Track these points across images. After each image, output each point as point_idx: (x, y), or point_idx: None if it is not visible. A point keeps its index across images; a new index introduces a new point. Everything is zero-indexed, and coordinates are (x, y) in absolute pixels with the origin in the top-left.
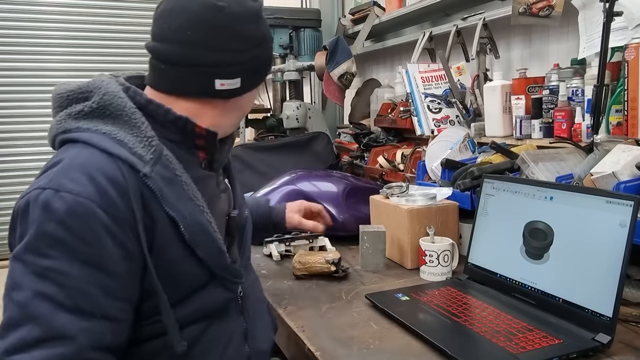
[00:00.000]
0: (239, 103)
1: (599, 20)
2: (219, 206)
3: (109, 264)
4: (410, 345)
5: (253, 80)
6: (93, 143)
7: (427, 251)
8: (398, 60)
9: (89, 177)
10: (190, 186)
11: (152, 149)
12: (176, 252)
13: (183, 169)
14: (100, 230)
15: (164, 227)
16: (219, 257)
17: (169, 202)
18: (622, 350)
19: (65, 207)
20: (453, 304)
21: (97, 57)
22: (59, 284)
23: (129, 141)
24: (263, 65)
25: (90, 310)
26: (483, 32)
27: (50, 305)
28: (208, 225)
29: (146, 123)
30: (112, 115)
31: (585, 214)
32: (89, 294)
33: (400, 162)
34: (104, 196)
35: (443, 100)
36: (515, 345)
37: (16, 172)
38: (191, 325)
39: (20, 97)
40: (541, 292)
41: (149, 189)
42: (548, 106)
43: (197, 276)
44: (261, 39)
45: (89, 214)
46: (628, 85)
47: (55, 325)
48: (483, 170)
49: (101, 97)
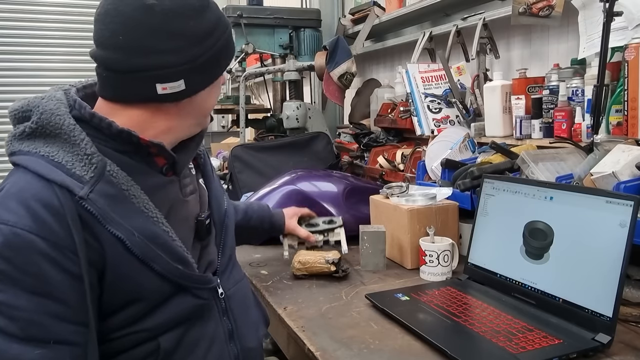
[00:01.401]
0: (193, 104)
1: (599, 20)
2: (185, 210)
3: (55, 291)
4: (410, 345)
5: (201, 80)
6: (30, 168)
7: (427, 251)
8: (398, 60)
9: (25, 206)
10: (140, 198)
11: (92, 167)
12: (130, 268)
13: (133, 180)
14: (41, 259)
15: (111, 246)
16: (180, 268)
17: (112, 221)
18: (622, 350)
19: (3, 240)
20: (453, 304)
21: None
22: (9, 316)
23: (67, 162)
24: (210, 62)
25: (42, 338)
26: (483, 32)
27: (3, 338)
28: (164, 236)
29: (86, 139)
30: (52, 135)
31: (585, 214)
32: (40, 323)
33: (400, 162)
34: (42, 224)
35: (443, 100)
36: (515, 345)
37: None
38: (167, 333)
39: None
40: (541, 292)
41: (88, 211)
42: (548, 106)
43: (159, 289)
44: (203, 34)
45: (27, 244)
46: (628, 85)
47: (9, 357)
48: (483, 170)
49: (39, 116)
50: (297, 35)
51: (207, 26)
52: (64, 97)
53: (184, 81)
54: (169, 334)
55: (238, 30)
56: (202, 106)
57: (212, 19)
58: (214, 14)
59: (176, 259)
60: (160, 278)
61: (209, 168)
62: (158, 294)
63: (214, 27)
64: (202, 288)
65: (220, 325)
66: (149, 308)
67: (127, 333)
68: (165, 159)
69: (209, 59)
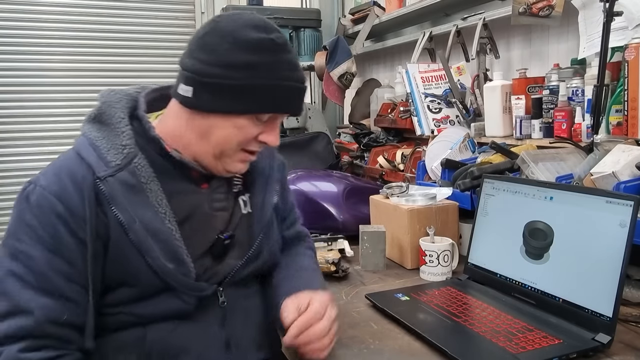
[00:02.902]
0: (208, 126)
1: (599, 20)
2: (206, 223)
3: (65, 252)
4: (410, 345)
5: (210, 100)
6: (76, 147)
7: (427, 251)
8: (398, 60)
9: (57, 175)
10: (155, 194)
11: (122, 156)
12: (128, 252)
13: (157, 178)
14: (58, 221)
15: (115, 226)
16: (170, 267)
17: (118, 205)
18: (622, 350)
19: (35, 199)
20: (453, 304)
21: (97, 57)
22: (26, 265)
23: (104, 147)
24: (223, 90)
25: (50, 290)
26: (483, 32)
27: (18, 283)
28: (167, 233)
29: (127, 133)
30: (104, 122)
31: (585, 214)
32: (49, 277)
33: (400, 162)
34: (64, 192)
35: (443, 100)
36: (515, 345)
37: (16, 172)
38: (154, 324)
39: (20, 97)
40: (541, 292)
41: (101, 191)
42: (548, 106)
43: (150, 280)
44: (230, 62)
45: (50, 206)
46: (628, 85)
47: (19, 301)
48: (483, 170)
49: (101, 105)
50: (297, 35)
51: (242, 61)
52: (134, 95)
53: (192, 89)
54: (155, 325)
55: None
56: (216, 135)
57: (254, 61)
58: (266, 60)
59: (171, 258)
60: (151, 271)
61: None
62: (149, 285)
63: (249, 66)
64: (189, 293)
65: (218, 333)
66: (140, 295)
67: (117, 312)
68: (198, 171)
69: (224, 87)
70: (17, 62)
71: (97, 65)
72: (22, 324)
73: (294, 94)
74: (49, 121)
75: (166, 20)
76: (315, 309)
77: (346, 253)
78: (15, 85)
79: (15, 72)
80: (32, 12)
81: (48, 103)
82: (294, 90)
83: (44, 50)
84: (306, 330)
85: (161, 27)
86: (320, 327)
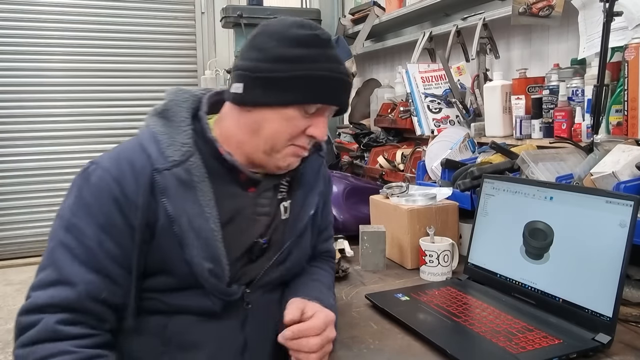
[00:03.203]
0: (258, 122)
1: (599, 20)
2: (248, 227)
3: (115, 233)
4: (410, 345)
5: (260, 94)
6: (140, 137)
7: (427, 251)
8: (398, 60)
9: (118, 160)
10: (205, 194)
11: (180, 153)
12: (170, 243)
13: (208, 179)
14: (112, 203)
15: (163, 217)
16: (208, 266)
17: (169, 198)
18: (622, 350)
19: (97, 180)
20: (453, 304)
21: (97, 57)
22: (79, 239)
23: (165, 142)
24: (272, 83)
25: (96, 267)
26: (483, 32)
27: (68, 255)
28: (209, 233)
29: (188, 132)
30: (169, 119)
31: (585, 214)
32: (97, 254)
33: (400, 162)
34: (122, 176)
35: (443, 100)
36: (515, 345)
37: (16, 172)
38: (178, 315)
39: (20, 97)
40: (541, 292)
41: (156, 182)
42: (548, 106)
43: (184, 274)
44: (279, 57)
45: (108, 187)
46: (628, 85)
47: (66, 272)
48: (483, 170)
49: (168, 102)
50: None
51: (289, 55)
52: (199, 96)
53: (242, 85)
54: (179, 316)
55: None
56: (267, 129)
57: (299, 54)
58: (312, 53)
59: (209, 257)
60: (187, 266)
61: (305, 200)
62: (182, 278)
63: (295, 59)
64: (218, 296)
65: (238, 334)
66: (173, 286)
67: (149, 297)
68: (247, 175)
69: (272, 79)
70: (17, 62)
71: (96, 65)
72: (65, 295)
73: (340, 86)
74: (49, 121)
75: (166, 20)
76: (315, 324)
77: (346, 253)
78: (15, 85)
79: (15, 72)
80: (32, 12)
81: (48, 103)
82: (339, 81)
83: (43, 50)
84: (299, 339)
85: (161, 27)
86: (312, 342)
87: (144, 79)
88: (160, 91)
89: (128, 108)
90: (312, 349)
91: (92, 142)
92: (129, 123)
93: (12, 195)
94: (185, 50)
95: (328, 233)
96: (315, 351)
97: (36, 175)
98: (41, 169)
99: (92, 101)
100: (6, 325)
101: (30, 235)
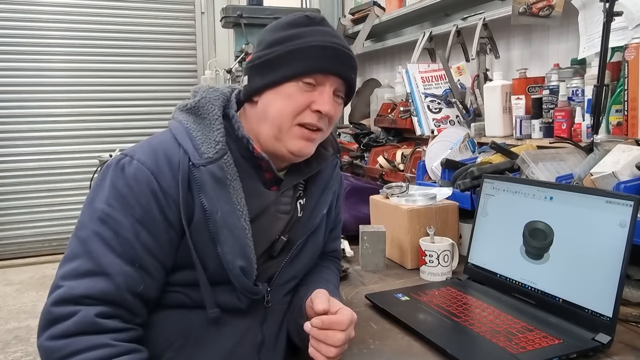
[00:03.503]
0: (260, 105)
1: (599, 20)
2: (270, 225)
3: (152, 226)
4: (410, 345)
5: (259, 79)
6: (173, 131)
7: (427, 251)
8: (398, 60)
9: (154, 153)
10: (237, 192)
11: (214, 151)
12: (203, 238)
13: (239, 177)
14: (151, 196)
15: (199, 213)
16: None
17: (207, 194)
18: (622, 350)
19: (133, 172)
20: (453, 304)
21: (97, 57)
22: (115, 230)
23: (199, 138)
24: (267, 64)
25: (131, 259)
26: (483, 32)
27: (103, 246)
28: (242, 230)
29: (220, 130)
30: (201, 116)
31: (585, 214)
32: (133, 246)
33: (400, 162)
34: (160, 170)
35: (443, 100)
36: (515, 345)
37: (16, 172)
38: (201, 309)
39: (20, 97)
40: (541, 292)
41: (194, 177)
42: (548, 106)
43: (215, 270)
44: (272, 42)
45: (146, 179)
46: (628, 85)
47: (103, 263)
48: (483, 170)
49: (198, 100)
50: None
51: (280, 37)
52: (228, 94)
53: (247, 77)
54: (202, 312)
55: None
56: (271, 112)
57: (289, 33)
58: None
59: (241, 255)
60: (219, 262)
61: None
62: (213, 274)
63: (285, 39)
64: (245, 294)
65: (257, 332)
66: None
67: (175, 290)
68: (272, 174)
69: (266, 61)
70: (17, 62)
71: (97, 65)
72: (103, 287)
73: (335, 55)
74: (49, 121)
75: (166, 20)
76: (342, 319)
77: (346, 253)
78: (15, 85)
79: (15, 72)
80: (32, 12)
81: (48, 103)
82: (332, 49)
83: (44, 50)
84: (326, 330)
85: (161, 27)
86: (338, 337)
87: (144, 79)
88: (160, 91)
89: (128, 108)
90: (335, 344)
91: (92, 142)
92: (129, 123)
93: (12, 195)
94: (185, 50)
95: (337, 232)
96: (338, 346)
97: (36, 175)
98: (41, 169)
99: (92, 101)
100: (6, 325)
101: (30, 235)
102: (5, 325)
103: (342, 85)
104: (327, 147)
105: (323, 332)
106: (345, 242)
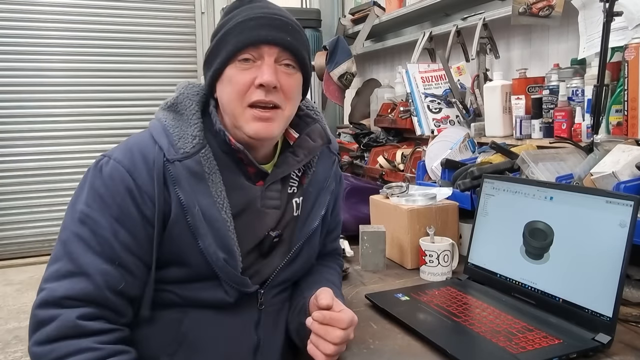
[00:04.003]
0: (218, 98)
1: (599, 20)
2: (257, 220)
3: (129, 224)
4: (410, 345)
5: (206, 75)
6: (150, 129)
7: (427, 251)
8: (398, 60)
9: (130, 152)
10: (216, 185)
11: (191, 145)
12: (183, 233)
13: (219, 170)
14: (126, 193)
15: (176, 208)
16: (223, 256)
17: (182, 189)
18: (622, 350)
19: (109, 171)
20: (453, 304)
21: (97, 57)
22: (93, 230)
23: (176, 134)
24: (207, 59)
25: (111, 257)
26: (483, 32)
27: (82, 246)
28: (221, 223)
29: (198, 125)
30: (179, 112)
31: (585, 214)
32: (111, 245)
33: (400, 162)
34: (135, 167)
35: (443, 100)
36: (515, 345)
37: (16, 172)
38: (195, 310)
39: (20, 97)
40: (541, 292)
41: (169, 173)
42: (548, 106)
43: (199, 266)
44: (212, 35)
45: (121, 177)
46: (628, 85)
47: (82, 263)
48: (483, 170)
49: (177, 96)
50: None
51: (217, 27)
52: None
53: (204, 77)
54: (195, 312)
55: None
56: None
57: (223, 21)
58: (230, 15)
59: (222, 247)
60: (201, 256)
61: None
62: (196, 269)
63: (220, 27)
64: (232, 286)
65: (252, 335)
66: (187, 277)
67: (163, 289)
68: (255, 168)
69: (208, 55)
70: (17, 62)
71: (96, 65)
72: (83, 287)
73: (261, 22)
74: (49, 121)
75: (166, 20)
76: (344, 318)
77: (346, 253)
78: (15, 85)
79: (15, 72)
80: (32, 12)
81: (48, 103)
82: (256, 19)
83: (43, 50)
84: (326, 325)
85: (161, 27)
86: (337, 334)
87: (144, 79)
88: (160, 91)
89: (128, 108)
90: (334, 340)
91: (92, 142)
92: (129, 123)
93: (12, 195)
94: (185, 50)
95: (337, 232)
96: (336, 344)
97: (36, 175)
98: (41, 169)
99: (92, 101)
100: (6, 325)
101: (30, 235)
102: (5, 325)
103: (285, 53)
104: (315, 138)
105: (323, 327)
106: (345, 242)
